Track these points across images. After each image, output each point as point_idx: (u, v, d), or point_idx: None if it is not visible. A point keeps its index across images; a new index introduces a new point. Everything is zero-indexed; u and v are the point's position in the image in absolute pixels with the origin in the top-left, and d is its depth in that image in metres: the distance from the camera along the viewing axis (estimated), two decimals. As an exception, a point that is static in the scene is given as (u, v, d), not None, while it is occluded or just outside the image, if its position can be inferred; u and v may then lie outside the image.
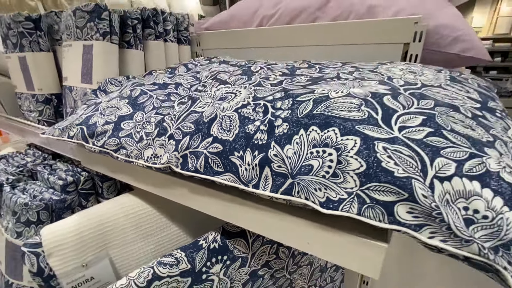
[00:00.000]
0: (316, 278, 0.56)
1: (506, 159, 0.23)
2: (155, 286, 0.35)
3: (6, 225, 0.52)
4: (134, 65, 0.58)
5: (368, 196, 0.22)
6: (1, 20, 0.58)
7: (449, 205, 0.20)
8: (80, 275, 0.43)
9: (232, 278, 0.41)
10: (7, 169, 0.63)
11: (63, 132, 0.43)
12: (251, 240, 0.43)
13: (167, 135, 0.34)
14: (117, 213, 0.47)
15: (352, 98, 0.28)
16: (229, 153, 0.28)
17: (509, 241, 0.18)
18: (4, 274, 0.53)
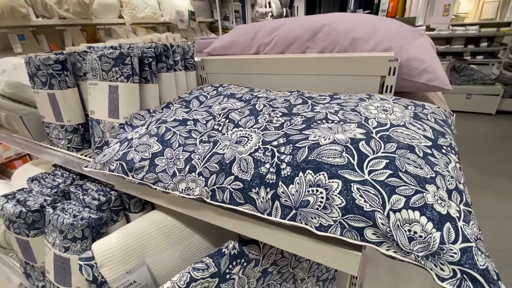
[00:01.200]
0: (314, 270, 0.68)
1: (441, 191, 0.34)
2: (192, 286, 0.45)
3: (53, 241, 0.61)
4: (151, 98, 0.66)
5: (347, 224, 0.32)
6: (29, 61, 0.66)
7: (399, 228, 0.31)
8: (125, 280, 0.53)
9: (248, 276, 0.52)
10: (42, 190, 0.72)
11: (104, 166, 0.52)
12: (261, 245, 0.53)
13: (196, 172, 0.44)
14: (150, 227, 0.57)
15: (336, 145, 0.38)
16: (248, 190, 0.38)
17: (434, 252, 0.29)
18: (54, 282, 0.63)
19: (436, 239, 0.30)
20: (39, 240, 0.66)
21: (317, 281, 0.71)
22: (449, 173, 0.36)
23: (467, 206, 0.34)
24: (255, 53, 0.81)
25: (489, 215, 1.84)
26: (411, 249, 0.30)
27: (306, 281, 0.67)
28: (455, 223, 0.31)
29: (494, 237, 1.67)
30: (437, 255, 0.29)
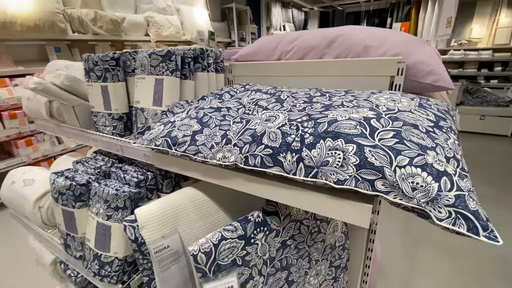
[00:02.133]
0: (327, 253, 0.73)
1: (440, 157, 0.40)
2: (222, 244, 0.52)
3: (97, 211, 0.70)
4: (188, 92, 0.77)
5: (360, 177, 0.39)
6: (88, 58, 0.78)
7: (403, 180, 0.38)
8: (160, 243, 0.60)
9: (269, 244, 0.58)
10: (87, 170, 0.82)
11: (151, 142, 0.62)
12: (282, 217, 0.60)
13: (232, 143, 0.52)
14: (184, 200, 0.65)
15: (351, 121, 0.46)
16: (277, 155, 0.46)
17: (433, 198, 0.36)
18: (93, 248, 0.70)
19: (435, 188, 0.36)
20: (83, 212, 0.74)
21: (330, 266, 0.76)
22: (448, 146, 0.43)
23: (463, 170, 0.40)
24: (277, 59, 0.91)
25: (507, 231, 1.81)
26: (414, 196, 0.37)
27: (320, 264, 0.72)
28: (451, 178, 0.37)
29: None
30: (435, 200, 0.36)
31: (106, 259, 0.68)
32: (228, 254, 0.53)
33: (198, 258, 0.50)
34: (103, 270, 0.68)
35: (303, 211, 0.64)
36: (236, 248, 0.53)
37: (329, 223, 0.71)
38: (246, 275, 0.55)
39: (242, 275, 0.55)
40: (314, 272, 0.71)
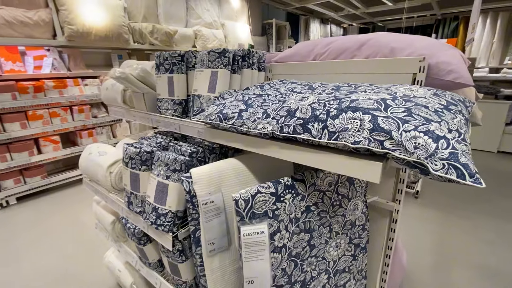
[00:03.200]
0: (347, 229, 0.82)
1: (443, 127, 0.49)
2: (258, 196, 0.65)
3: (158, 173, 0.88)
4: (235, 84, 0.93)
5: (372, 138, 0.50)
6: (160, 55, 0.99)
7: (407, 141, 0.47)
8: (207, 198, 0.75)
9: (295, 206, 0.70)
10: (150, 143, 1.01)
11: (206, 117, 0.78)
12: (307, 185, 0.71)
13: (270, 117, 0.66)
14: (228, 167, 0.79)
15: (370, 100, 0.57)
16: (306, 123, 0.59)
17: (431, 154, 0.45)
18: (153, 202, 0.88)
19: (433, 147, 0.46)
20: (146, 174, 0.93)
21: (350, 243, 0.84)
22: (453, 122, 0.52)
23: (463, 140, 0.49)
24: (312, 60, 1.04)
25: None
26: (415, 152, 0.46)
27: (340, 237, 0.81)
28: (448, 141, 0.46)
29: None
30: (432, 155, 0.45)
31: (162, 211, 0.84)
32: (261, 205, 0.65)
33: (239, 203, 0.63)
34: (158, 220, 0.84)
35: (326, 183, 0.74)
36: (268, 202, 0.66)
37: (350, 200, 0.80)
38: (274, 227, 0.67)
39: (271, 226, 0.67)
40: (334, 243, 0.80)
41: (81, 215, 2.33)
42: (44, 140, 2.68)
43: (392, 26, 8.40)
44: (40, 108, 2.62)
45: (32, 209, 2.46)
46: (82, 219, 2.26)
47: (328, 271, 0.81)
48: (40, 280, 1.61)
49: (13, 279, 1.63)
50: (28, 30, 2.49)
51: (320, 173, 0.74)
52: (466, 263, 1.67)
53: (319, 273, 0.79)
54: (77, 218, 2.28)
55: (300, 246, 0.73)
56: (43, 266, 1.73)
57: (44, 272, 1.68)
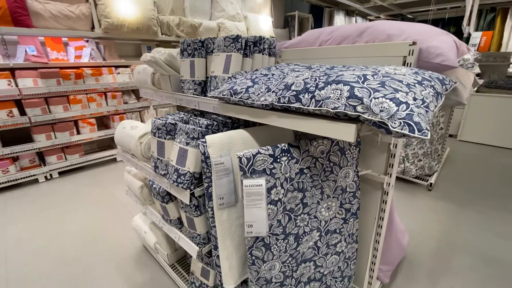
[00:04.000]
0: (338, 194, 0.93)
1: (408, 96, 0.60)
2: (258, 156, 0.79)
3: (179, 140, 1.04)
4: (247, 66, 1.07)
5: (348, 104, 0.62)
6: (184, 41, 1.15)
7: (375, 105, 0.59)
8: (218, 159, 0.90)
9: (290, 167, 0.83)
10: (174, 117, 1.18)
11: (220, 93, 0.93)
12: (302, 151, 0.84)
13: (271, 91, 0.79)
14: (236, 136, 0.94)
15: (353, 75, 0.68)
16: (298, 95, 0.71)
17: (392, 115, 0.56)
18: (174, 165, 1.05)
19: (394, 109, 0.56)
20: (170, 143, 1.10)
21: (341, 207, 0.95)
22: (420, 93, 0.62)
23: (424, 106, 0.59)
24: (318, 46, 1.15)
25: None
26: (379, 114, 0.57)
27: (331, 200, 0.93)
28: (408, 105, 0.57)
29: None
30: (393, 116, 0.56)
31: (182, 172, 1.01)
32: (261, 163, 0.79)
33: (242, 160, 0.78)
34: (179, 179, 1.01)
35: (319, 151, 0.86)
36: (267, 162, 0.80)
37: (341, 168, 0.91)
38: (271, 183, 0.81)
39: (268, 182, 0.80)
40: (325, 205, 0.92)
41: (113, 188, 2.62)
42: (82, 122, 3.01)
43: (422, 18, 8.01)
44: (80, 93, 2.93)
45: (72, 182, 2.79)
46: (113, 192, 2.55)
47: (320, 229, 0.94)
48: (79, 237, 1.89)
49: (59, 236, 1.93)
50: (71, 23, 2.80)
51: (314, 142, 0.86)
52: (470, 252, 1.70)
53: (311, 229, 0.92)
54: (110, 191, 2.57)
55: (293, 203, 0.86)
56: (81, 228, 2.01)
57: (82, 232, 1.96)
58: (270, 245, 0.85)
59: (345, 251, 1.03)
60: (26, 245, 1.83)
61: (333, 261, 1.01)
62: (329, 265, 1.01)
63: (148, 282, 1.51)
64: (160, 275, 1.56)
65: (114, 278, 1.54)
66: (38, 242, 1.86)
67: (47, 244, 1.83)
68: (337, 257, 1.01)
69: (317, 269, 0.99)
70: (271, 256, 0.87)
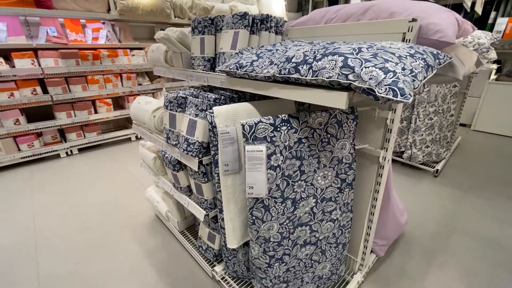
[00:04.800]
0: (334, 164, 1.00)
1: (397, 66, 0.65)
2: (259, 124, 0.86)
3: (189, 112, 1.13)
4: (253, 43, 1.12)
5: (341, 73, 0.67)
6: (195, 19, 1.21)
7: (365, 74, 0.64)
8: (224, 129, 0.98)
9: (289, 136, 0.90)
10: (184, 92, 1.26)
11: (227, 67, 0.99)
12: (301, 122, 0.90)
13: (274, 63, 0.85)
14: (241, 108, 1.01)
15: (349, 48, 0.73)
16: (298, 66, 0.77)
17: (379, 82, 0.61)
18: (185, 135, 1.14)
19: (382, 76, 0.62)
20: (180, 115, 1.19)
21: (337, 176, 1.02)
22: (410, 64, 0.67)
23: (412, 75, 0.64)
24: (324, 24, 1.18)
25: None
26: (368, 81, 0.63)
27: (327, 169, 1.00)
28: (396, 73, 0.62)
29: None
30: (380, 83, 0.61)
31: (191, 141, 1.10)
32: (262, 131, 0.86)
33: (245, 128, 0.85)
34: (189, 148, 1.11)
35: (317, 122, 0.92)
36: (267, 130, 0.87)
37: (338, 140, 0.97)
38: (271, 150, 0.88)
39: (269, 149, 0.88)
40: (321, 174, 0.99)
41: (128, 165, 2.78)
42: (99, 102, 3.15)
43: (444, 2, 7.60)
44: (97, 74, 3.06)
45: (90, 158, 2.98)
46: (128, 168, 2.71)
47: (316, 196, 1.01)
48: (97, 207, 2.06)
49: (80, 205, 2.10)
50: (88, 5, 2.89)
51: (313, 114, 0.92)
52: (470, 235, 1.74)
53: (308, 196, 1.00)
54: (125, 167, 2.73)
55: (292, 169, 0.93)
56: (99, 199, 2.18)
57: (100, 203, 2.12)
58: (269, 206, 0.94)
59: (340, 219, 1.10)
60: (51, 211, 2.02)
61: (328, 227, 1.09)
62: (324, 231, 1.09)
63: (159, 246, 1.65)
64: (170, 240, 1.70)
65: (128, 242, 1.69)
66: (61, 209, 2.04)
67: (69, 212, 2.01)
68: (332, 224, 1.09)
69: (312, 234, 1.07)
70: (270, 217, 0.96)
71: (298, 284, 1.15)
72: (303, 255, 1.10)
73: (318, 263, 1.15)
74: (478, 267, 1.48)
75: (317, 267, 1.15)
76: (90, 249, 1.63)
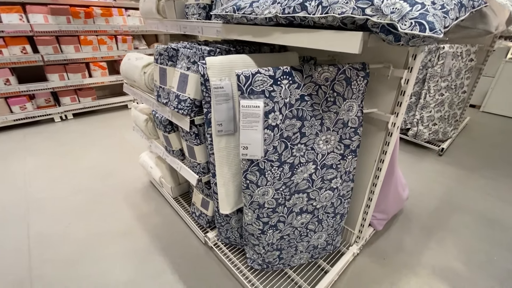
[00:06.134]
0: (339, 128, 0.90)
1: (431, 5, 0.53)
2: (257, 75, 0.75)
3: (181, 66, 1.01)
4: (255, -13, 0.98)
5: (356, 6, 0.55)
6: (189, -41, 1.06)
7: (386, 6, 0.52)
8: (218, 83, 0.87)
9: (291, 92, 0.79)
10: (177, 44, 1.14)
11: (223, 10, 0.86)
12: (304, 76, 0.80)
13: (276, 3, 0.72)
14: (238, 59, 0.90)
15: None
16: (305, 2, 0.65)
17: (403, 16, 0.50)
18: (176, 91, 1.04)
19: (407, 10, 0.50)
20: (171, 69, 1.08)
21: (340, 141, 0.93)
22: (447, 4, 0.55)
23: (443, 9, 0.52)
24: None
25: None
26: (389, 15, 0.51)
27: (330, 133, 0.90)
28: (424, 6, 0.50)
29: None
30: (404, 17, 0.50)
31: (182, 98, 1.00)
32: (260, 84, 0.76)
33: (240, 78, 0.75)
34: (179, 105, 1.01)
35: (323, 77, 0.82)
36: (266, 83, 0.76)
37: (345, 100, 0.87)
38: (269, 106, 0.78)
39: (267, 105, 0.78)
40: (324, 137, 0.90)
41: (123, 132, 2.71)
42: (93, 65, 3.00)
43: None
44: (90, 34, 2.88)
45: (85, 124, 2.89)
46: (124, 135, 2.63)
47: (316, 162, 0.93)
48: (90, 172, 2.01)
49: (73, 169, 2.05)
50: (79, -45, 2.63)
51: (319, 67, 0.81)
52: (470, 213, 1.69)
53: (307, 161, 0.92)
54: (121, 134, 2.65)
55: (291, 131, 0.84)
56: (93, 164, 2.12)
57: (94, 167, 2.07)
58: (264, 170, 0.86)
59: (340, 188, 1.03)
60: (43, 174, 1.97)
61: (327, 196, 1.02)
62: (322, 200, 1.02)
63: (153, 211, 1.62)
64: (164, 206, 1.66)
65: (121, 207, 1.66)
66: (53, 173, 1.99)
67: (62, 175, 1.96)
68: (331, 193, 1.02)
69: (309, 202, 1.01)
70: (265, 182, 0.88)
71: (292, 253, 1.12)
72: (298, 224, 1.04)
73: (314, 232, 1.10)
74: (478, 245, 1.44)
75: (312, 236, 1.11)
76: (81, 212, 1.60)
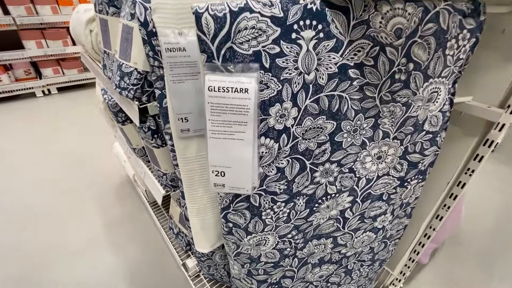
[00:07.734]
0: (406, 132, 0.47)
1: None
2: (243, 19, 0.32)
3: (124, 13, 0.59)
4: None
5: None
6: None
7: None
8: (175, 41, 0.45)
9: (320, 58, 0.36)
10: (129, -16, 0.70)
11: None
12: (353, 22, 0.36)
13: None
14: None
15: None
16: None
17: None
18: (118, 58, 0.62)
19: None
20: (114, 21, 0.65)
21: (403, 156, 0.51)
22: None
23: None
24: None
25: None
26: None
27: (389, 143, 0.48)
28: None
29: None
30: None
31: (126, 69, 0.59)
32: (250, 38, 0.33)
33: (205, 23, 0.32)
34: (122, 82, 0.60)
35: (392, 28, 0.37)
36: (265, 35, 0.33)
37: (428, 79, 0.43)
38: (272, 89, 0.36)
39: (266, 87, 0.36)
40: (375, 151, 0.48)
41: (109, 110, 2.34)
42: (76, 30, 2.57)
43: None
44: (69, -9, 2.42)
45: (70, 99, 2.54)
46: (109, 114, 2.27)
47: (355, 192, 0.52)
48: (61, 159, 1.67)
49: (44, 155, 1.72)
50: None
51: (384, 4, 0.36)
52: (545, 236, 1.26)
53: (339, 191, 0.50)
54: (105, 113, 2.29)
55: (314, 139, 0.42)
56: (68, 148, 1.78)
57: (67, 153, 1.73)
58: (260, 208, 0.46)
59: (388, 228, 0.63)
60: (4, 160, 1.65)
61: (365, 240, 0.62)
62: (357, 245, 0.62)
63: (126, 216, 1.27)
64: (141, 210, 1.31)
65: (89, 207, 1.32)
66: (16, 160, 1.66)
67: (25, 163, 1.63)
68: (373, 235, 0.62)
69: (336, 249, 0.61)
70: (261, 227, 0.49)
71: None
72: (315, 277, 0.66)
73: (338, 285, 0.72)
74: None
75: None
76: (42, 212, 1.28)
